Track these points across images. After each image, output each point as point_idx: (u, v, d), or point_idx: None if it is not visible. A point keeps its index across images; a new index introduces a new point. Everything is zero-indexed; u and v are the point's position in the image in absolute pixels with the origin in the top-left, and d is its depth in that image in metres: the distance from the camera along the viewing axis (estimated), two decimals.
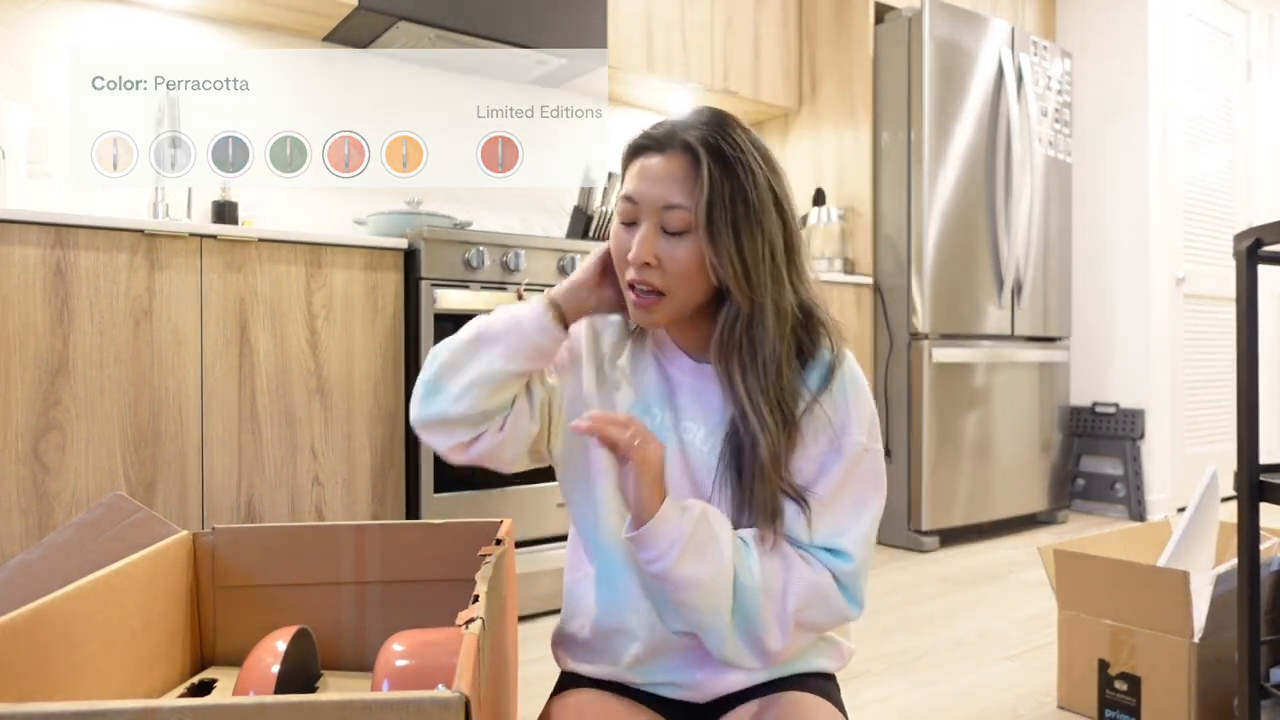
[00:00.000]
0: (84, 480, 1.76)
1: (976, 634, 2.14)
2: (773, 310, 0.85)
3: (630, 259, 0.84)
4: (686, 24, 3.06)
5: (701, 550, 0.80)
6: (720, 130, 0.85)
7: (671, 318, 0.87)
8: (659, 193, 0.84)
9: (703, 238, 0.83)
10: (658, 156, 0.85)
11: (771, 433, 0.84)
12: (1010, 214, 3.30)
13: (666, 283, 0.84)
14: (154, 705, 0.53)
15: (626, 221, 0.87)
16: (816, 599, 0.84)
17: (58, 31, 2.23)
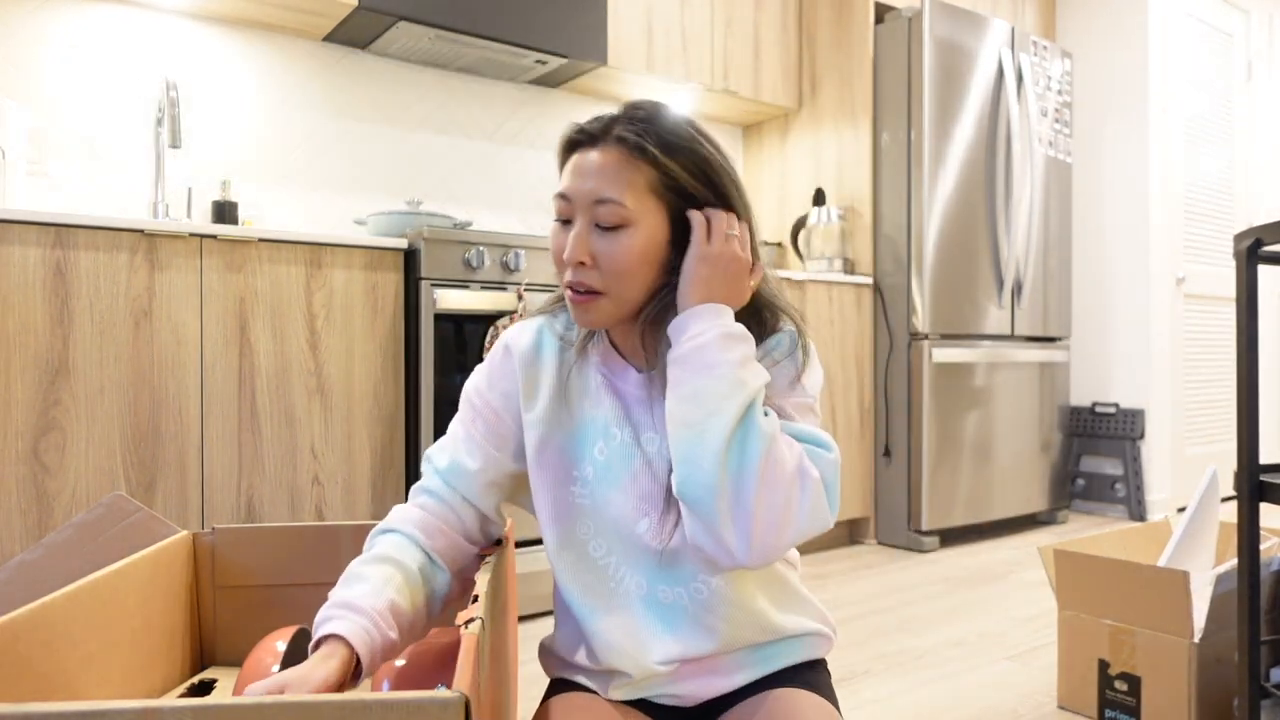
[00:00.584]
0: (84, 480, 1.76)
1: (976, 634, 2.14)
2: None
3: (564, 257, 0.82)
4: (686, 24, 3.06)
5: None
6: (657, 120, 0.82)
7: (612, 317, 0.84)
8: (591, 187, 0.81)
9: (649, 226, 0.81)
10: (592, 151, 0.82)
11: None
12: (1010, 214, 3.30)
13: (604, 281, 0.81)
14: (154, 705, 0.53)
15: (562, 219, 0.84)
16: (809, 494, 0.78)
17: (58, 31, 2.23)
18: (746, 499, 0.75)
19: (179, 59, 2.40)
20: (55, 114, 2.22)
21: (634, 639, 0.86)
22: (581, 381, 0.91)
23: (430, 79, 2.83)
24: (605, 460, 0.88)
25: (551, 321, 0.94)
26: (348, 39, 2.61)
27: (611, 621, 0.87)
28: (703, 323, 0.79)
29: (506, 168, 2.99)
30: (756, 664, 0.89)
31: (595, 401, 0.89)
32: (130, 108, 2.32)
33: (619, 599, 0.88)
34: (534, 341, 0.93)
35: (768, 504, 0.75)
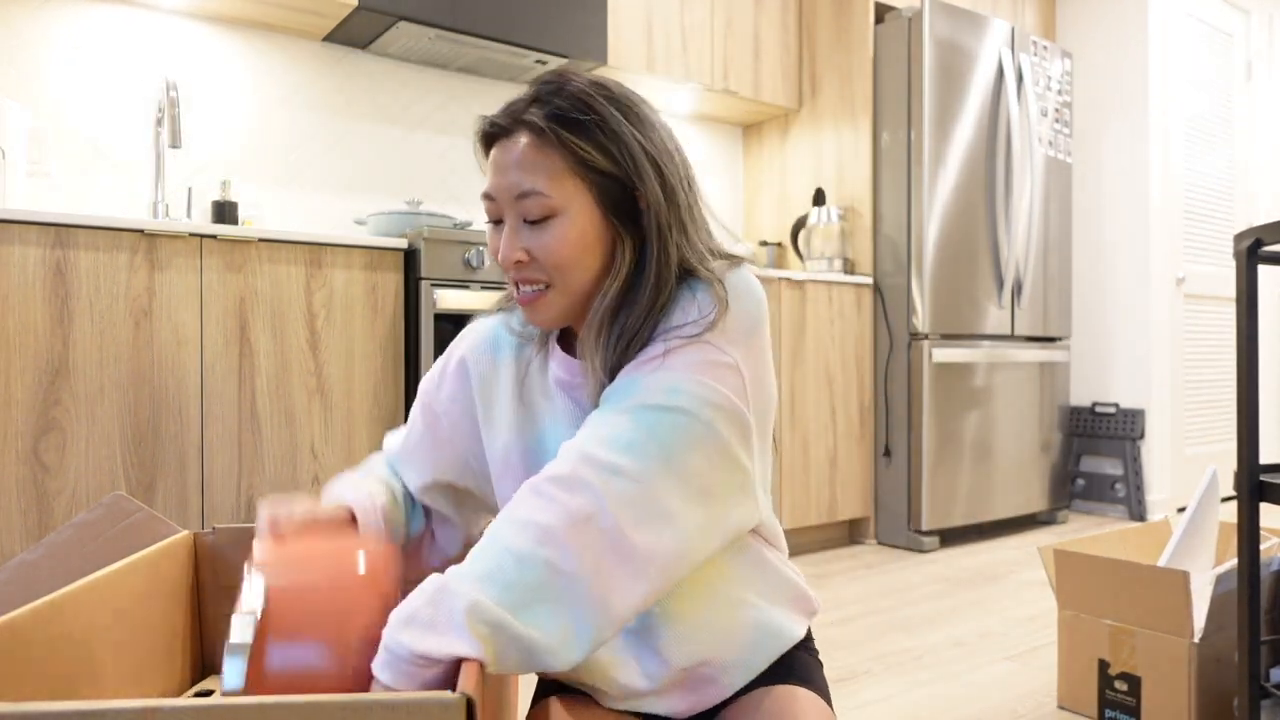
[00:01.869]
0: (84, 480, 1.76)
1: (976, 634, 2.14)
2: (653, 276, 0.77)
3: (499, 260, 0.79)
4: (686, 24, 3.06)
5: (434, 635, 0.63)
6: (560, 95, 0.77)
7: (565, 311, 0.80)
8: (511, 181, 0.77)
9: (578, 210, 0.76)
10: (506, 142, 0.78)
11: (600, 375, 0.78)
12: (1010, 214, 3.30)
13: (547, 275, 0.78)
14: (154, 705, 0.53)
15: (493, 220, 0.81)
16: (601, 541, 0.67)
17: (58, 31, 2.23)
18: (613, 616, 0.67)
19: (179, 59, 2.40)
20: (56, 114, 2.23)
21: (610, 656, 0.80)
22: (541, 382, 0.87)
23: (430, 79, 2.83)
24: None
25: (507, 319, 0.91)
26: (348, 39, 2.61)
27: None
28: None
29: None
30: (746, 665, 0.84)
31: (552, 405, 0.85)
32: (130, 108, 2.32)
33: None
34: (490, 341, 0.90)
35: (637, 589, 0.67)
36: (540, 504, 0.68)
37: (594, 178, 0.77)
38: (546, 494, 0.68)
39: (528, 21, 2.60)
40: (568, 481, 0.68)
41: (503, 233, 0.79)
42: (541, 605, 0.64)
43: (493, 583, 0.64)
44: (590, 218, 0.78)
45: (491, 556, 0.66)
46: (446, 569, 0.68)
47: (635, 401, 0.72)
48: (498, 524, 0.69)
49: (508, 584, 0.64)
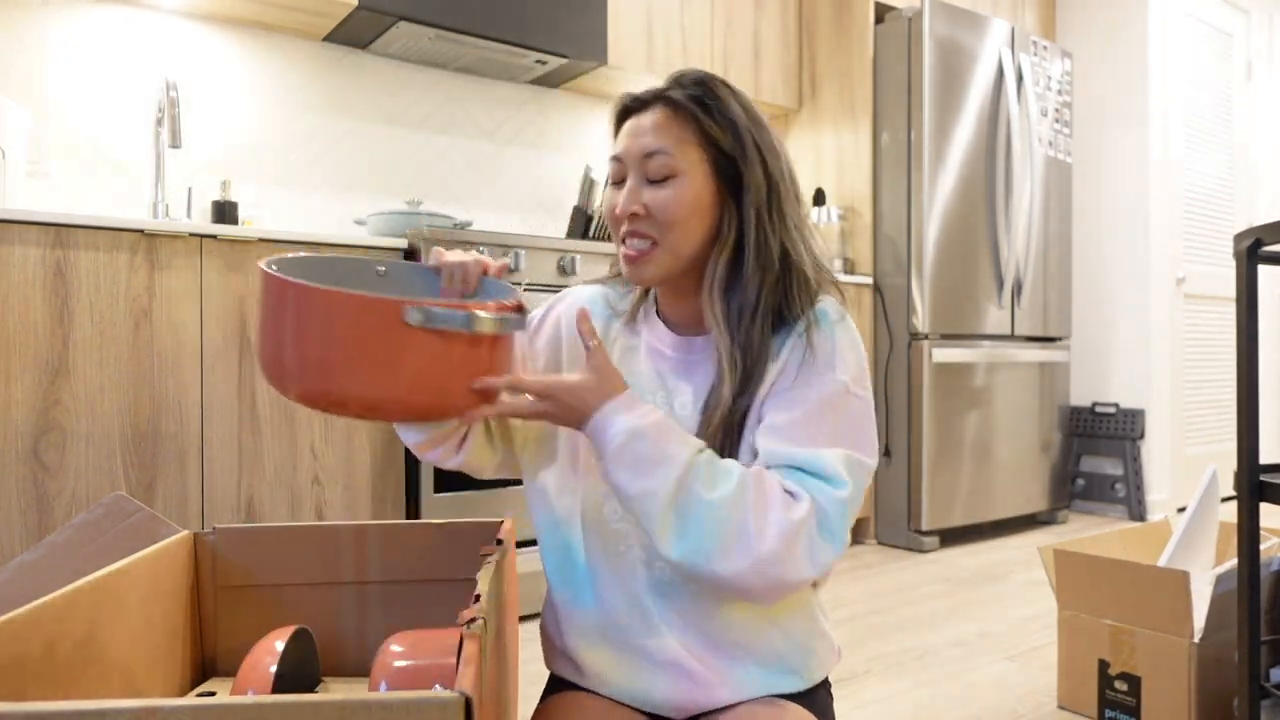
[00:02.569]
0: (84, 480, 1.76)
1: (976, 634, 2.14)
2: (754, 254, 0.85)
3: (618, 212, 0.86)
4: (686, 24, 3.06)
5: (638, 468, 0.76)
6: (700, 84, 0.87)
7: (665, 270, 0.86)
8: (640, 144, 0.85)
9: (696, 177, 0.84)
10: (639, 113, 0.88)
11: (732, 380, 0.83)
12: (1010, 214, 3.30)
13: (658, 231, 0.85)
14: (154, 705, 0.53)
15: (615, 181, 0.88)
16: (796, 548, 0.76)
17: (58, 31, 2.23)
18: (712, 568, 0.75)
19: (179, 59, 2.40)
20: (56, 114, 2.22)
21: (635, 608, 0.86)
22: (625, 346, 0.94)
23: (430, 79, 2.83)
24: None
25: (607, 291, 0.98)
26: (348, 39, 2.61)
27: (614, 591, 0.87)
28: (602, 434, 0.79)
29: (506, 168, 2.99)
30: (748, 677, 0.86)
31: (633, 366, 0.92)
32: (130, 108, 2.32)
33: (625, 567, 0.87)
34: (590, 298, 0.97)
35: (735, 571, 0.75)
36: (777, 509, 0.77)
37: (712, 152, 0.86)
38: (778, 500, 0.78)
39: (528, 21, 2.60)
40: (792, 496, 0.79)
41: (623, 191, 0.86)
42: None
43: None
44: (704, 186, 0.85)
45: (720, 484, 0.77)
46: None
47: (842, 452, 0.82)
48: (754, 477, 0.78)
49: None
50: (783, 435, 0.81)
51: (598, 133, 3.22)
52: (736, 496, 0.75)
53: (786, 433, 0.81)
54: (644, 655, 0.85)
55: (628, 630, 0.86)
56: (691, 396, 0.88)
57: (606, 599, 0.87)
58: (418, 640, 0.96)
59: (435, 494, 2.12)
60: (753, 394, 0.84)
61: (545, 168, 3.09)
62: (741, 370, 0.84)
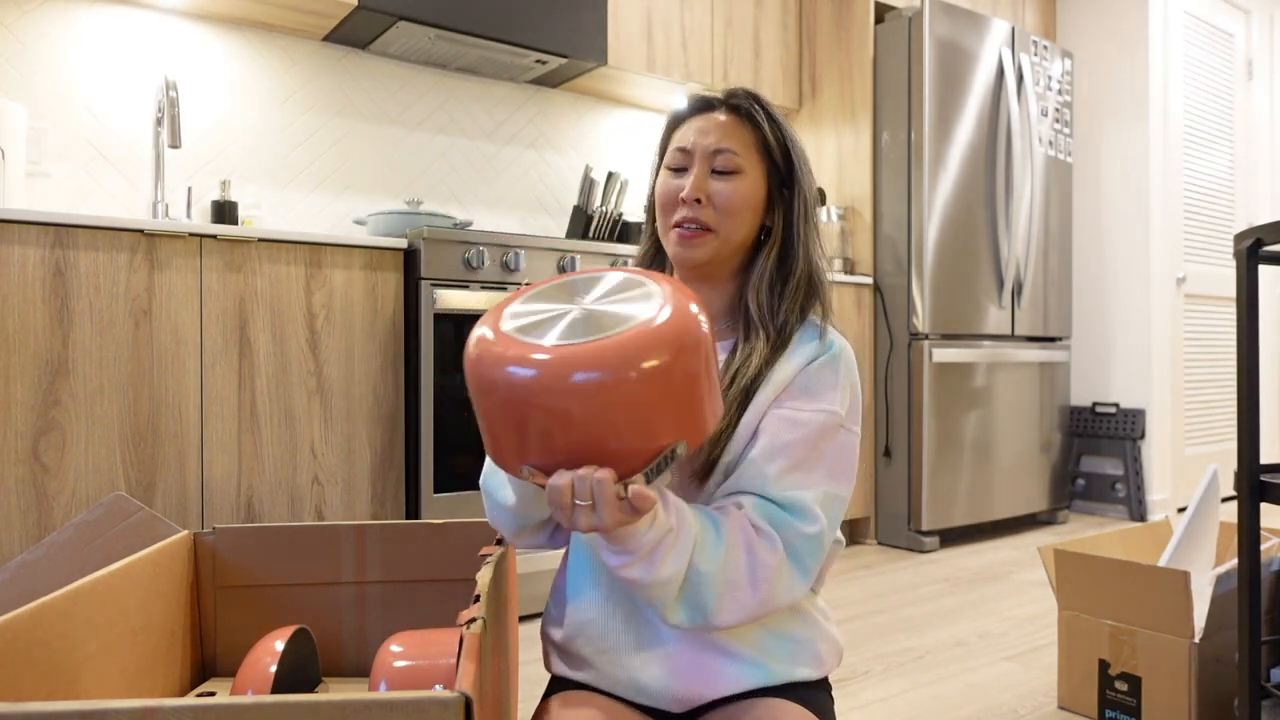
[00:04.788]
0: (84, 480, 1.76)
1: (976, 634, 2.14)
2: (798, 253, 0.94)
3: (683, 196, 0.93)
4: (686, 24, 3.06)
5: (666, 553, 0.76)
6: (758, 101, 0.99)
7: (713, 254, 0.93)
8: (710, 140, 0.94)
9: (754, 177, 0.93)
10: (707, 114, 0.97)
11: (762, 352, 0.89)
12: (1010, 214, 3.30)
13: (716, 219, 0.92)
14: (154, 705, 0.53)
15: (676, 168, 0.96)
16: (777, 588, 0.82)
17: (58, 31, 2.23)
18: (710, 623, 0.80)
19: (179, 59, 2.40)
20: (56, 114, 2.22)
21: (637, 604, 0.88)
22: None
23: (430, 79, 2.83)
24: None
25: None
26: (348, 39, 2.61)
27: (617, 588, 0.89)
28: (617, 556, 0.77)
29: (506, 168, 2.99)
30: (747, 671, 0.87)
31: None
32: (130, 108, 2.32)
33: None
34: None
35: (731, 623, 0.81)
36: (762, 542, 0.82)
37: (767, 161, 0.96)
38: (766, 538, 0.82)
39: (528, 21, 2.60)
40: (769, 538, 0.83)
41: (688, 178, 0.94)
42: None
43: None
44: (759, 187, 0.95)
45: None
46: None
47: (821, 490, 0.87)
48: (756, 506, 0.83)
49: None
50: (779, 455, 0.85)
51: (598, 133, 3.22)
52: (727, 560, 0.79)
53: (783, 454, 0.85)
54: (643, 647, 0.87)
55: (628, 624, 0.88)
56: None
57: (610, 594, 0.89)
58: (418, 640, 0.97)
59: (435, 494, 2.12)
60: (773, 370, 0.89)
61: (545, 168, 3.08)
62: (771, 348, 0.91)
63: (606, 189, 2.86)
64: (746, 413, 0.88)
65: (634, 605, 0.88)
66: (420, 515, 2.11)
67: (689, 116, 0.99)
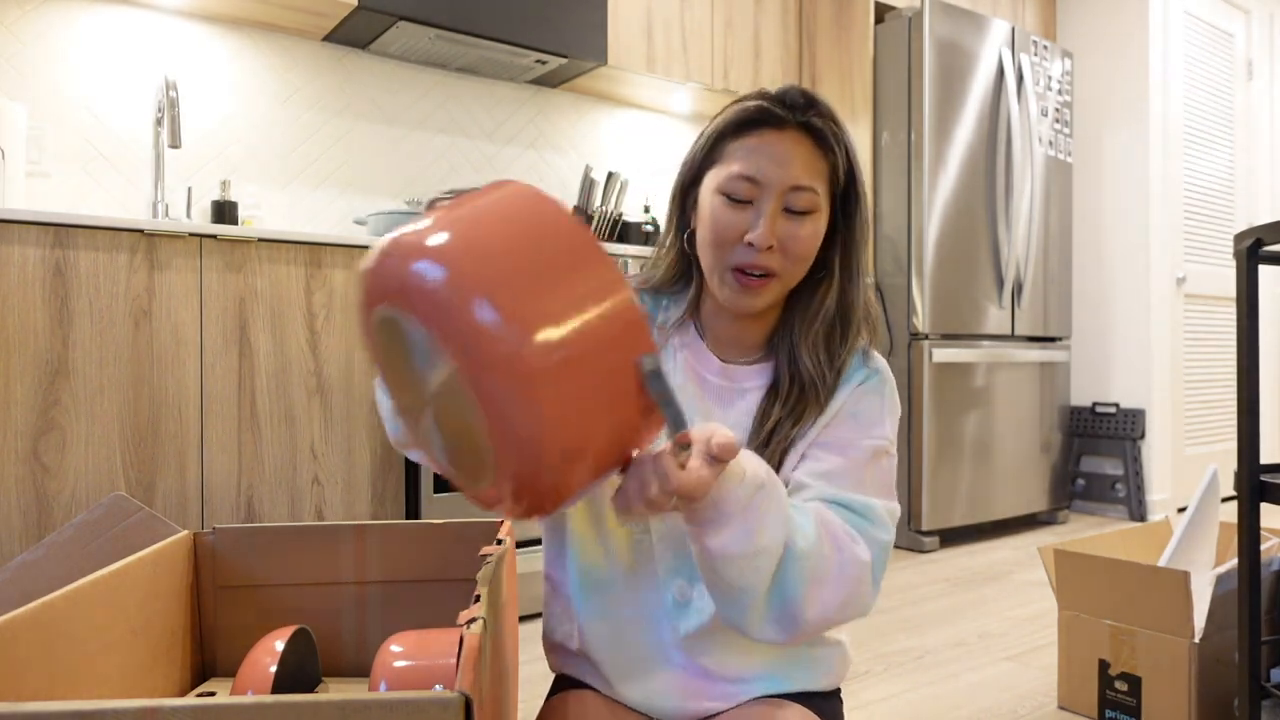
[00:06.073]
0: (84, 480, 1.76)
1: (976, 634, 2.14)
2: (856, 292, 0.86)
3: (756, 242, 0.80)
4: (686, 24, 3.06)
5: (764, 512, 0.67)
6: (834, 116, 0.84)
7: (773, 300, 0.85)
8: (786, 173, 0.80)
9: (824, 216, 0.83)
10: (777, 133, 0.82)
11: (800, 408, 0.82)
12: (1010, 214, 3.30)
13: (782, 264, 0.82)
14: (154, 705, 0.53)
15: (739, 199, 0.82)
16: (860, 592, 0.75)
17: (57, 31, 2.23)
18: (792, 627, 0.73)
19: (179, 59, 2.40)
20: (56, 114, 2.22)
21: (652, 616, 0.85)
22: (665, 362, 0.88)
23: (430, 79, 2.83)
24: None
25: (642, 297, 0.92)
26: (348, 39, 2.61)
27: (625, 600, 0.85)
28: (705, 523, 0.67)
29: (506, 168, 2.99)
30: (763, 683, 0.86)
31: (675, 385, 0.87)
32: (130, 108, 2.32)
33: (638, 579, 0.85)
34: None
35: (814, 623, 0.73)
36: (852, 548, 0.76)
37: (833, 190, 0.85)
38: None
39: (528, 21, 2.60)
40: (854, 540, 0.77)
41: (758, 215, 0.81)
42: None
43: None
44: (824, 225, 0.84)
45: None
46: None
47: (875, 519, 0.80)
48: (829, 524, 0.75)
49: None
50: (835, 479, 0.80)
51: (598, 133, 3.22)
52: (819, 544, 0.72)
53: (838, 478, 0.80)
54: (653, 671, 0.85)
55: (637, 649, 0.85)
56: (730, 426, 0.84)
57: (617, 608, 0.86)
58: (418, 640, 0.96)
59: (435, 494, 2.12)
60: (810, 426, 0.83)
61: (545, 168, 3.08)
62: (814, 401, 0.83)
63: (606, 189, 2.86)
64: (784, 468, 0.83)
65: (642, 628, 0.85)
66: (420, 515, 2.11)
67: (754, 129, 0.83)
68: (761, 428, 0.84)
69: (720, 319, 0.88)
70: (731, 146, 0.83)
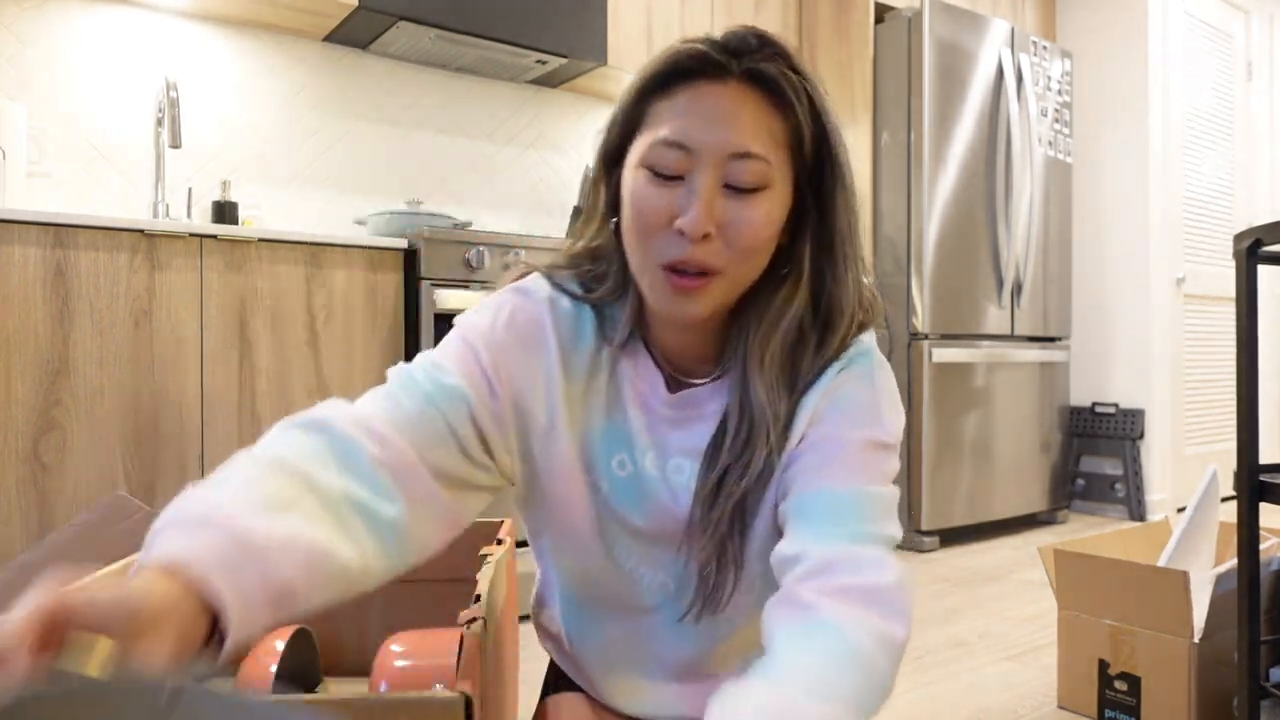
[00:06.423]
0: (84, 480, 1.76)
1: (976, 634, 2.14)
2: (832, 296, 0.68)
3: (687, 229, 0.62)
4: (686, 24, 3.06)
5: None
6: (791, 59, 0.65)
7: (718, 305, 0.66)
8: (726, 137, 0.62)
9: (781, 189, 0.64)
10: (716, 86, 0.63)
11: (765, 446, 0.66)
12: (1010, 214, 3.30)
13: (726, 257, 0.63)
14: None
15: (665, 174, 0.63)
16: (885, 674, 0.60)
17: (58, 31, 2.23)
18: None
19: (179, 59, 2.40)
20: (55, 114, 2.22)
21: (640, 649, 0.79)
22: (611, 384, 0.73)
23: (430, 79, 2.83)
24: (625, 479, 0.73)
25: (581, 314, 0.74)
26: (348, 39, 2.61)
27: (617, 630, 0.80)
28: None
29: (506, 168, 2.99)
30: None
31: (620, 412, 0.73)
32: (130, 108, 2.32)
33: (630, 613, 0.79)
34: (553, 312, 0.72)
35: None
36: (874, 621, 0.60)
37: (797, 156, 0.66)
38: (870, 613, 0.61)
39: (528, 21, 2.60)
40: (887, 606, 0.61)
41: (690, 194, 0.62)
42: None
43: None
44: (786, 203, 0.66)
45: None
46: None
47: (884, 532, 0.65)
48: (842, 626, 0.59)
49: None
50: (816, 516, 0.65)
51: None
52: (857, 693, 0.57)
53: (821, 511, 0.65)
54: (641, 681, 0.82)
55: (626, 659, 0.81)
56: (688, 458, 0.71)
57: (604, 628, 0.81)
58: (418, 640, 0.96)
59: None
60: (762, 475, 0.67)
61: (545, 168, 3.09)
62: (762, 442, 0.66)
63: None
64: (748, 532, 0.69)
65: (632, 650, 0.80)
66: None
67: (686, 81, 0.65)
68: (707, 475, 0.69)
69: (666, 328, 0.71)
70: (660, 105, 0.66)
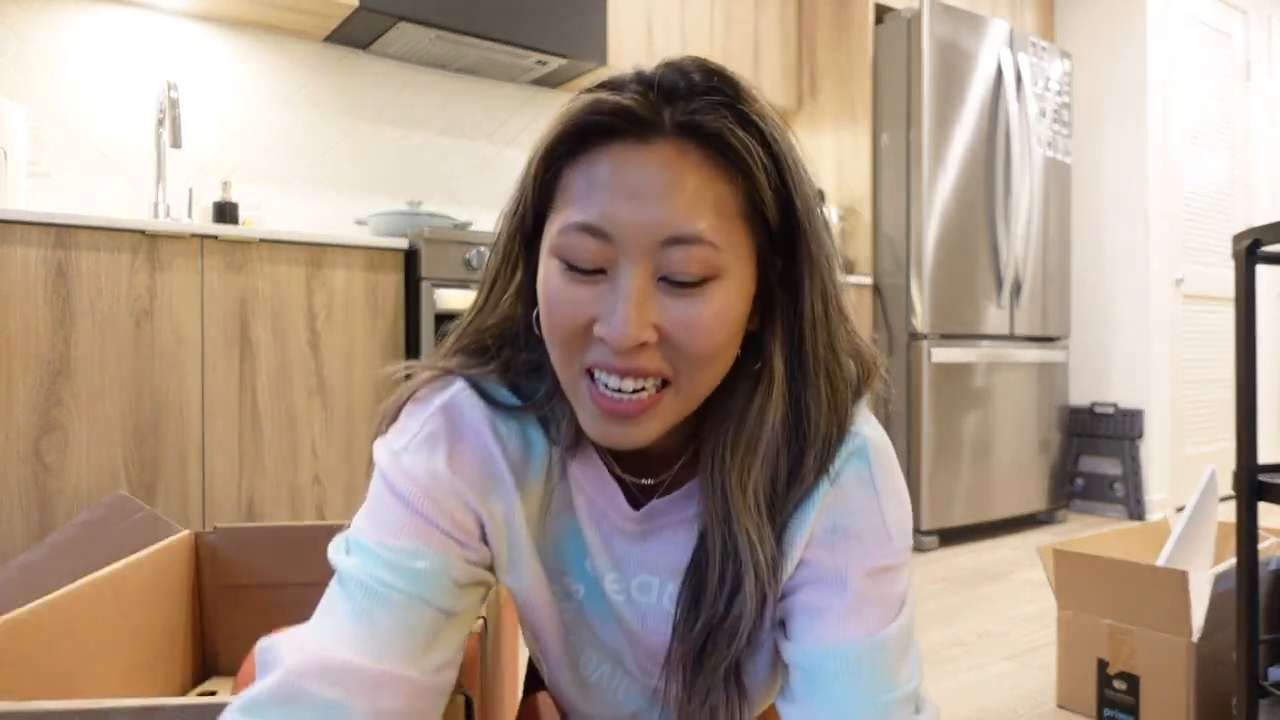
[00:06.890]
0: (85, 480, 1.76)
1: (976, 634, 2.14)
2: (810, 391, 0.55)
3: (609, 341, 0.49)
4: (686, 24, 3.07)
5: None
6: (741, 102, 0.53)
7: (670, 424, 0.53)
8: (657, 216, 0.48)
9: (740, 274, 0.52)
10: (640, 149, 0.50)
11: (759, 580, 0.55)
12: (1009, 214, 3.30)
13: (675, 364, 0.51)
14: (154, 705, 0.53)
15: (581, 267, 0.50)
16: None
17: (58, 31, 2.24)
18: None
19: (180, 59, 2.40)
20: (56, 114, 2.23)
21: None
22: (562, 492, 0.62)
23: (430, 79, 2.83)
24: (586, 598, 0.65)
25: (528, 430, 0.62)
26: (348, 39, 2.61)
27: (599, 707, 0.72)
28: None
29: (506, 168, 2.99)
30: None
31: (574, 527, 0.63)
32: (131, 108, 2.33)
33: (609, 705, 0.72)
34: (522, 447, 0.61)
35: None
36: None
37: (759, 233, 0.53)
38: None
39: (528, 22, 2.60)
40: None
41: (613, 292, 0.49)
42: None
43: None
44: (747, 289, 0.53)
45: None
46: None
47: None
48: None
49: None
50: (842, 678, 0.55)
51: None
52: None
53: (833, 673, 0.56)
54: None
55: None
56: (657, 576, 0.61)
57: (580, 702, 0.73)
58: None
59: None
60: (772, 589, 0.57)
61: None
62: (769, 581, 0.56)
63: None
64: (748, 676, 0.60)
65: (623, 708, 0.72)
66: None
67: (601, 141, 0.52)
68: (689, 631, 0.57)
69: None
70: (572, 175, 0.52)
